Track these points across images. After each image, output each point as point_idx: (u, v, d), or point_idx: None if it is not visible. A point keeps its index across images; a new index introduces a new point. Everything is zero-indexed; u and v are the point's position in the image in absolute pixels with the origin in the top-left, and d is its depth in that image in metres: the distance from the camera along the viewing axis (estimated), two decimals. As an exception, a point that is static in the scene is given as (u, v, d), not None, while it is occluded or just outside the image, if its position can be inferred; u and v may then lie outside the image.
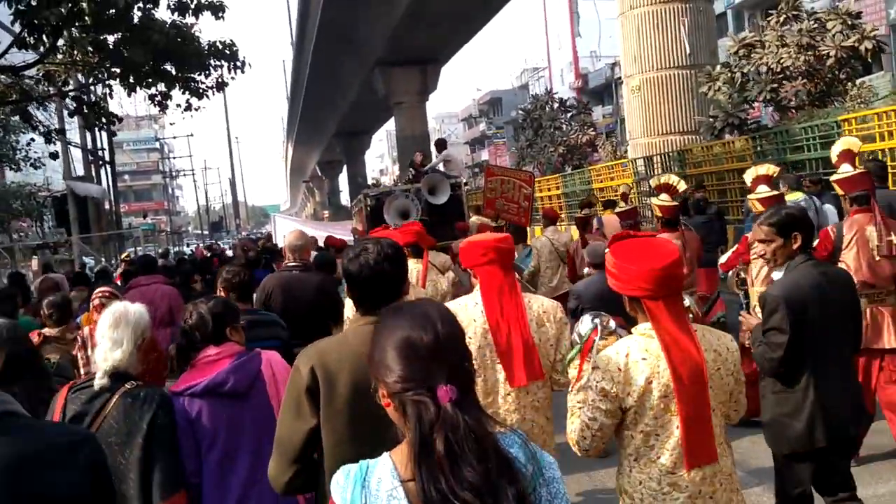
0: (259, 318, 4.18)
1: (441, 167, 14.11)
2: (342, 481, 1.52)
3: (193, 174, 70.93)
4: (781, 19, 13.30)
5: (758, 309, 3.66)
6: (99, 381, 2.74)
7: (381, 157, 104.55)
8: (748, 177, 6.05)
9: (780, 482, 3.65)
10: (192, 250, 26.78)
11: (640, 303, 2.55)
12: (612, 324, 2.80)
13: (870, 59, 13.02)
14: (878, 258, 4.74)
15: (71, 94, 11.49)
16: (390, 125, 66.87)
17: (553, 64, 60.28)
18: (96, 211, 21.25)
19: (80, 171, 22.99)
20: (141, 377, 2.85)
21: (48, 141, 12.35)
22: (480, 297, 3.23)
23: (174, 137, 72.04)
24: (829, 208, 7.20)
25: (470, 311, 3.20)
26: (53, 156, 12.90)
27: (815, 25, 12.77)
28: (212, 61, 11.80)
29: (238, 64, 11.93)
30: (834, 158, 5.66)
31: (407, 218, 11.37)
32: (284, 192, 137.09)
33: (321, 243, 10.68)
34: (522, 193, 11.99)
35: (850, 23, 12.58)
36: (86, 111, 11.73)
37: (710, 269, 7.58)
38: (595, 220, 10.26)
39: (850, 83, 12.72)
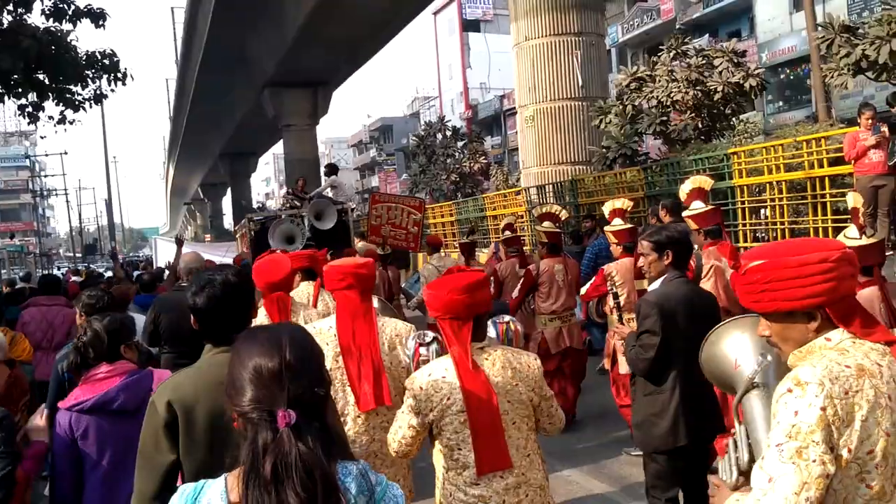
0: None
1: (329, 192, 14.20)
2: (176, 500, 1.56)
3: (67, 194, 67.18)
4: (671, 55, 13.79)
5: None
6: None
7: (266, 181, 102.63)
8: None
9: (649, 482, 3.93)
10: (62, 275, 24.97)
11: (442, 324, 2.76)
12: (429, 336, 3.07)
13: (753, 96, 13.68)
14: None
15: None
16: (277, 148, 65.70)
17: (444, 94, 61.05)
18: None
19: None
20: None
21: None
22: (335, 321, 3.36)
23: (46, 155, 68.55)
24: None
25: (324, 335, 3.31)
26: None
27: (703, 62, 13.31)
28: (90, 72, 11.00)
29: (119, 76, 11.18)
30: (684, 196, 6.08)
31: (292, 243, 11.46)
32: (164, 214, 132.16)
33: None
34: (412, 219, 12.34)
35: (735, 60, 13.18)
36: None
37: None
38: (493, 245, 10.50)
39: (733, 118, 13.28)
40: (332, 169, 14.86)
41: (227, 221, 72.30)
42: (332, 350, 3.29)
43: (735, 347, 2.19)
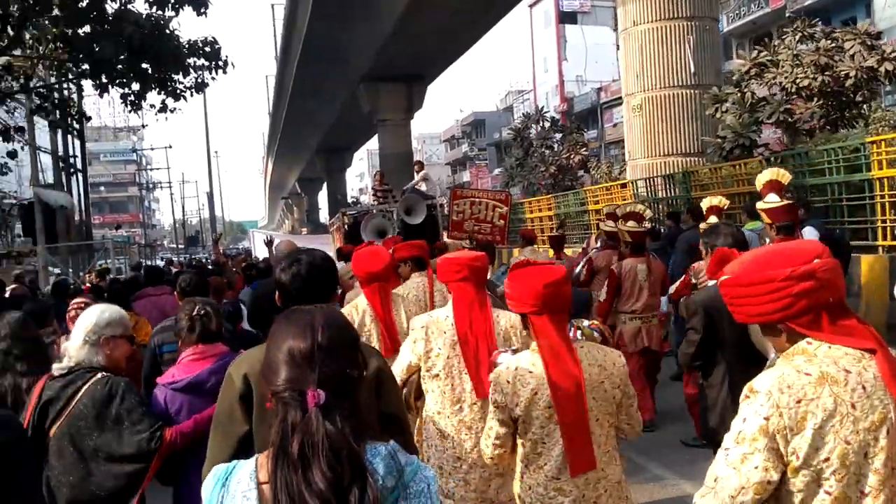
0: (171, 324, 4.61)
1: (421, 186, 14.62)
2: (210, 480, 1.56)
3: (171, 186, 69.58)
4: (797, 38, 12.71)
5: None
6: (56, 367, 3.14)
7: (360, 176, 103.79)
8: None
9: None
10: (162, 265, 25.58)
11: (528, 319, 2.75)
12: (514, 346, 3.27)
13: (888, 81, 12.47)
14: None
15: (35, 90, 10.44)
16: (372, 144, 66.15)
17: (538, 87, 60.19)
18: (65, 220, 20.25)
19: (51, 179, 21.95)
20: (113, 370, 3.19)
21: (6, 139, 11.30)
22: (452, 310, 3.50)
23: (152, 149, 70.95)
24: (810, 230, 7.34)
25: (441, 324, 3.49)
26: (12, 154, 11.82)
27: (832, 45, 12.20)
28: (191, 60, 10.90)
29: (220, 63, 11.04)
30: (759, 186, 5.98)
31: (384, 237, 11.70)
32: (262, 208, 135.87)
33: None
34: (497, 213, 12.86)
35: (869, 43, 12.02)
36: (49, 107, 10.71)
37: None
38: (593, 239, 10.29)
39: (865, 106, 12.11)
40: (419, 166, 15.43)
41: (323, 216, 73.40)
42: (450, 339, 3.45)
43: None
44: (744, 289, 1.88)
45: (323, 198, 75.25)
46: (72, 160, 22.61)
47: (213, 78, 11.17)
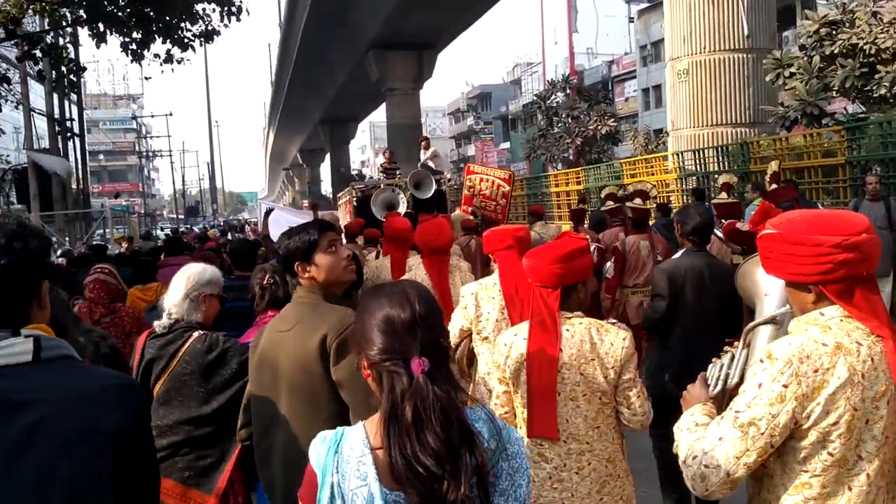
0: (228, 284, 4.72)
1: (430, 163, 14.93)
2: (318, 446, 1.64)
3: (171, 155, 68.30)
4: (876, -8, 11.47)
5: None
6: (157, 324, 3.30)
7: (362, 149, 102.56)
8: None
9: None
10: (166, 235, 24.57)
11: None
12: None
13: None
14: None
15: (24, 35, 9.19)
16: (374, 116, 65.04)
17: (547, 60, 58.88)
18: (61, 187, 19.17)
19: (47, 144, 20.79)
20: (207, 326, 3.36)
21: (-12, 87, 10.08)
22: (499, 278, 3.78)
23: (152, 116, 69.31)
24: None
25: (489, 290, 3.78)
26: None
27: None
28: (200, 7, 9.66)
29: (233, 10, 9.79)
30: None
31: (393, 210, 11.95)
32: (262, 179, 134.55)
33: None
34: (501, 192, 12.97)
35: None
36: (38, 55, 9.44)
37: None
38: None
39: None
40: (426, 141, 15.90)
41: (325, 188, 72.42)
42: (498, 303, 3.72)
43: (771, 278, 2.20)
44: (790, 246, 1.92)
45: (325, 169, 74.11)
46: (69, 124, 21.39)
47: (225, 25, 9.96)
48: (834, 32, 11.51)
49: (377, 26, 31.65)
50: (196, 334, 3.23)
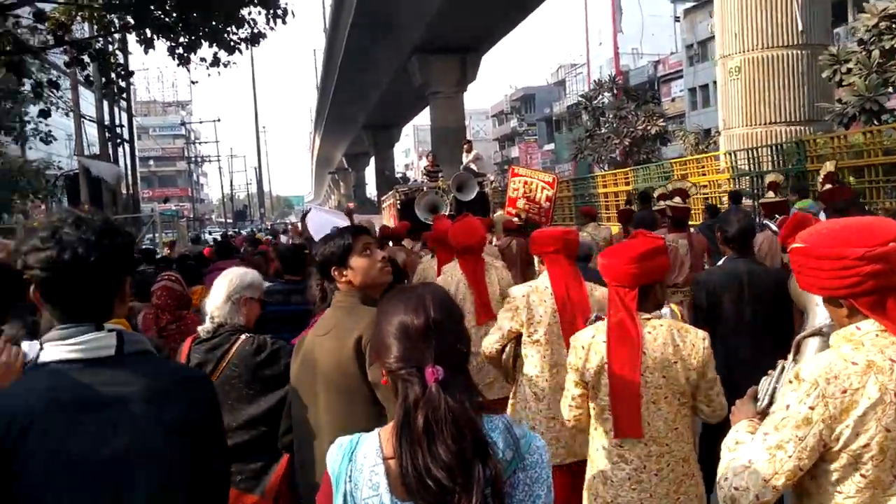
0: (279, 288, 5.06)
1: (472, 166, 15.30)
2: (334, 453, 1.62)
3: (219, 160, 69.38)
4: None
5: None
6: (201, 329, 3.31)
7: (406, 152, 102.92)
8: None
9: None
10: (215, 239, 24.90)
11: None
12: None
13: None
14: None
15: (73, 42, 9.30)
16: (417, 119, 65.21)
17: (592, 61, 58.40)
18: (111, 193, 19.47)
19: (98, 151, 21.17)
20: (251, 329, 3.34)
21: (38, 96, 10.20)
22: (549, 281, 3.77)
23: (200, 122, 70.50)
24: None
25: (541, 293, 3.76)
26: (44, 113, 10.70)
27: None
28: (246, 11, 9.65)
29: (278, 12, 9.78)
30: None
31: (437, 213, 12.13)
32: (308, 183, 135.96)
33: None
34: (545, 195, 12.93)
35: None
36: (86, 60, 9.55)
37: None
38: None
39: None
40: (469, 144, 16.37)
41: (370, 191, 72.82)
42: (551, 306, 3.71)
43: None
44: (815, 260, 1.88)
45: (370, 173, 74.56)
46: (119, 130, 21.76)
47: (271, 28, 9.95)
48: (894, 26, 11.09)
49: (421, 31, 31.66)
50: (244, 337, 3.24)
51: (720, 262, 4.54)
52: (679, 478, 2.80)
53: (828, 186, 8.18)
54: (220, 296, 3.31)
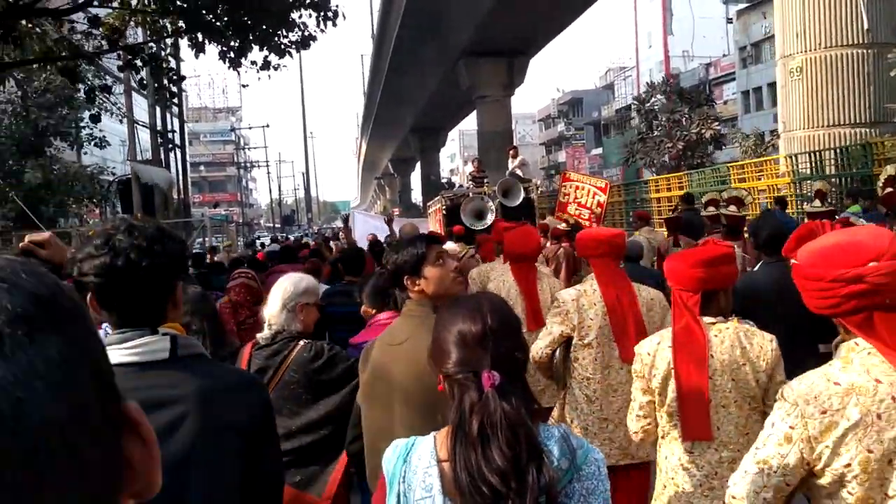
0: (341, 289, 5.46)
1: (518, 171, 15.18)
2: (390, 454, 1.66)
3: (268, 165, 70.17)
4: None
5: None
6: (260, 336, 3.39)
7: (451, 157, 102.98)
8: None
9: None
10: (262, 244, 25.11)
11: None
12: None
13: None
14: None
15: (126, 46, 9.36)
16: (463, 124, 65.14)
17: (641, 63, 57.75)
18: (162, 197, 19.71)
19: (150, 156, 21.47)
20: (306, 335, 3.41)
21: (91, 101, 10.29)
22: (597, 283, 3.78)
23: (250, 128, 71.56)
24: None
25: (591, 296, 3.78)
26: (94, 118, 10.80)
27: None
28: (296, 14, 9.59)
29: (329, 14, 9.71)
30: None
31: (482, 219, 12.71)
32: (355, 188, 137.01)
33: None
34: (596, 200, 13.10)
35: None
36: (139, 64, 9.60)
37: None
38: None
39: None
40: (515, 150, 16.28)
41: (415, 196, 72.98)
42: (601, 310, 3.73)
43: None
44: (802, 280, 1.93)
45: (415, 178, 74.68)
46: (170, 136, 22.04)
47: (322, 30, 9.87)
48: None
49: (469, 34, 31.54)
50: (301, 343, 3.32)
51: (755, 269, 4.55)
52: None
53: (889, 190, 7.87)
54: (276, 304, 3.38)
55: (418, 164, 66.69)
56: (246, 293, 5.44)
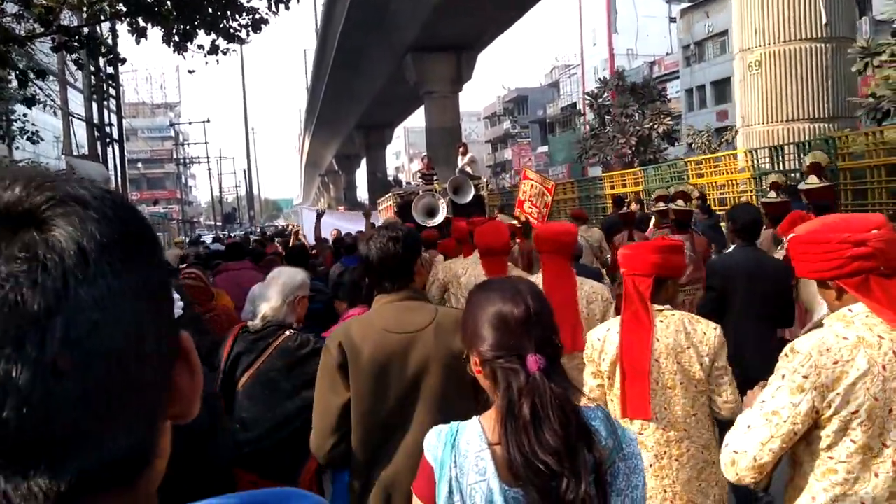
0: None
1: (468, 168, 15.16)
2: (434, 441, 1.65)
3: (208, 161, 68.38)
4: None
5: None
6: (252, 324, 3.39)
7: (396, 154, 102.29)
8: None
9: None
10: (206, 242, 24.22)
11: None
12: None
13: None
14: None
15: (60, 28, 8.60)
16: (409, 122, 64.70)
17: (586, 61, 58.02)
18: (100, 194, 18.73)
19: (86, 151, 20.44)
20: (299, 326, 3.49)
21: (22, 85, 9.51)
22: (542, 276, 4.05)
23: (189, 123, 69.51)
24: None
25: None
26: (29, 101, 10.01)
27: None
28: (244, -1, 9.00)
29: (281, -2, 9.12)
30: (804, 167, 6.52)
31: (433, 216, 12.70)
32: (297, 186, 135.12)
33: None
34: (543, 200, 13.05)
35: None
36: (75, 45, 8.85)
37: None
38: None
39: None
40: (464, 147, 16.20)
41: (361, 193, 72.22)
42: None
43: None
44: (805, 245, 2.08)
45: (361, 175, 73.92)
46: (107, 129, 21.02)
47: (274, 12, 9.29)
48: (930, 16, 10.60)
49: (415, 30, 31.15)
50: (288, 332, 3.34)
51: (730, 250, 4.87)
52: (700, 464, 2.86)
53: (812, 178, 7.93)
54: (276, 299, 3.39)
55: (364, 161, 65.94)
56: (192, 294, 5.24)
